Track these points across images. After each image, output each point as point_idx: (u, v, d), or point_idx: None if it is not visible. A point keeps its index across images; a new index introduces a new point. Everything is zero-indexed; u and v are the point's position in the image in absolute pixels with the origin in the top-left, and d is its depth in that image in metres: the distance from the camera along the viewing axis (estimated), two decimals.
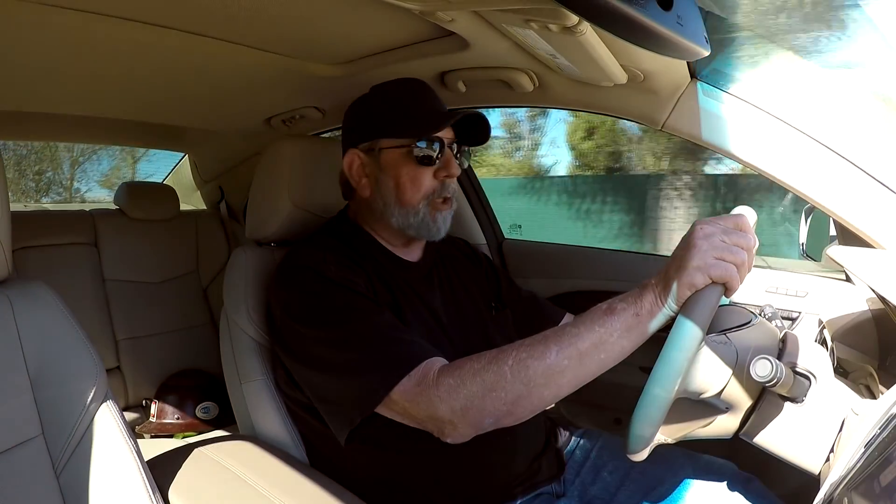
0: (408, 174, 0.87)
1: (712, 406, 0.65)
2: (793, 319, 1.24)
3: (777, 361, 0.58)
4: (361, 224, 0.95)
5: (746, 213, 0.63)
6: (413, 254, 0.96)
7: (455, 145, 0.90)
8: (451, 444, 0.71)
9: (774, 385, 0.59)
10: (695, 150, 6.88)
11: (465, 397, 0.67)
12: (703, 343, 0.62)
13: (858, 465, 0.50)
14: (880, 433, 0.52)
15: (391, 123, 0.88)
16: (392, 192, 0.88)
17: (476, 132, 0.91)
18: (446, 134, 0.88)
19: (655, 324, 0.62)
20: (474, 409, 0.67)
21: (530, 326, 1.03)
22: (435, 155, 0.87)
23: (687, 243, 0.61)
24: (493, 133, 1.13)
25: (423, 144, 0.86)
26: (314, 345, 0.78)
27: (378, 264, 0.90)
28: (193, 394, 1.59)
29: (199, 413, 1.56)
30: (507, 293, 1.06)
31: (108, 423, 0.70)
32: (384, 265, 0.90)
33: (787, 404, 0.63)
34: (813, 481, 0.62)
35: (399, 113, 0.89)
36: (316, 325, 0.79)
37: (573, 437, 1.03)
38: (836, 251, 0.84)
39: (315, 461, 0.92)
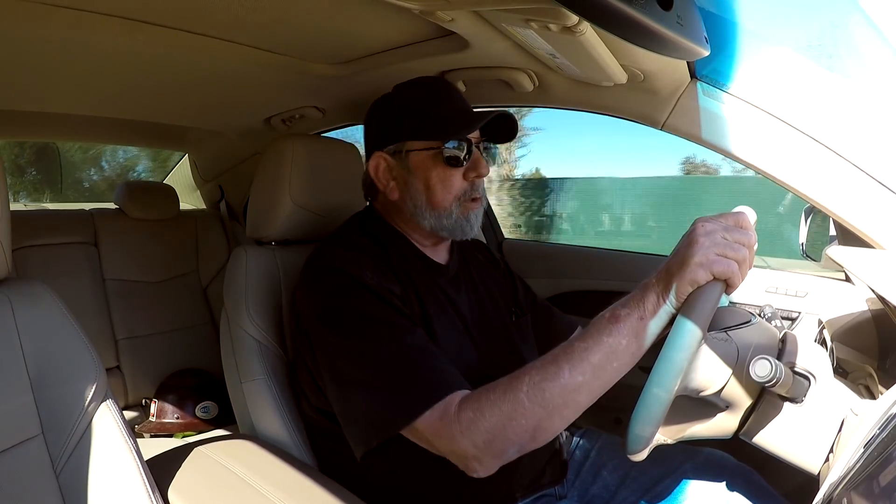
0: (438, 176, 0.86)
1: (712, 404, 0.65)
2: (792, 319, 1.24)
3: (776, 361, 0.58)
4: (392, 222, 0.93)
5: (746, 212, 0.63)
6: (441, 255, 0.95)
7: (481, 144, 0.89)
8: None
9: (774, 385, 0.59)
10: None
11: (486, 430, 0.65)
12: (704, 341, 0.62)
13: (858, 465, 0.50)
14: (880, 433, 0.52)
15: (418, 125, 0.87)
16: (422, 194, 0.87)
17: (500, 130, 0.90)
18: (473, 133, 0.87)
19: (659, 322, 0.62)
20: (497, 440, 0.65)
21: (543, 335, 1.02)
22: (463, 155, 0.86)
23: (688, 240, 0.60)
24: None
25: (452, 145, 0.85)
26: (340, 355, 0.76)
27: (411, 266, 0.88)
28: (193, 393, 1.58)
29: (198, 412, 1.56)
30: (524, 299, 1.05)
31: (107, 422, 0.70)
32: (417, 267, 0.89)
33: (787, 404, 0.63)
34: (812, 481, 0.62)
35: (426, 114, 0.87)
36: (345, 334, 0.76)
37: (573, 437, 1.03)
38: (836, 251, 0.84)
39: (325, 464, 0.92)
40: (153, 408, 1.57)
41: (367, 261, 0.81)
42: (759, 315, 0.74)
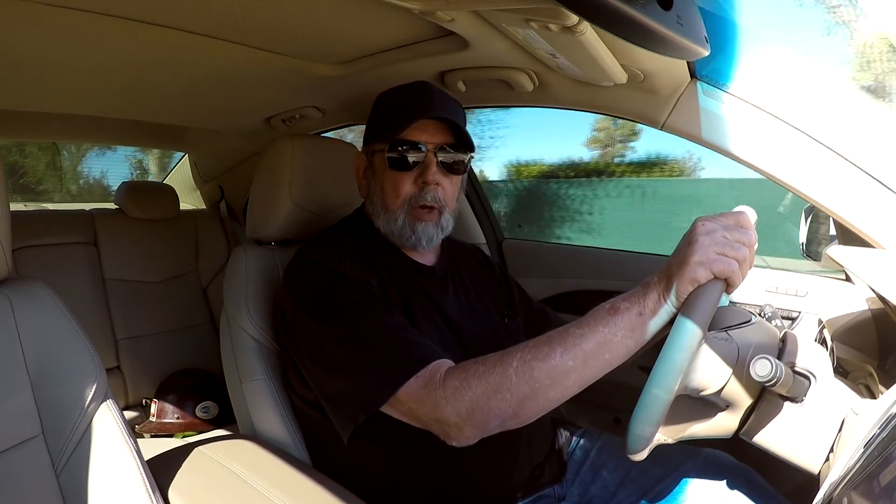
0: (389, 178, 0.88)
1: (712, 404, 0.65)
2: (793, 319, 1.24)
3: (777, 361, 0.58)
4: (376, 224, 0.94)
5: (747, 212, 0.64)
6: (427, 257, 0.96)
7: (450, 151, 0.87)
8: (456, 448, 0.71)
9: (774, 385, 0.59)
10: None
11: (471, 399, 0.66)
12: (704, 340, 0.62)
13: (858, 464, 0.50)
14: (880, 433, 0.52)
15: (378, 127, 0.90)
16: (379, 195, 0.90)
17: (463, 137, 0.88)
18: (432, 138, 0.86)
19: (659, 321, 0.62)
20: (479, 410, 0.66)
21: None
22: (413, 160, 0.86)
23: (689, 239, 0.61)
24: None
25: (403, 147, 0.85)
26: (323, 340, 0.78)
27: (392, 266, 0.89)
28: (193, 393, 1.58)
29: (198, 412, 1.56)
30: (518, 303, 1.05)
31: (107, 422, 0.71)
32: (398, 268, 0.90)
33: (787, 404, 0.63)
34: (812, 481, 0.62)
35: (386, 117, 0.89)
36: (326, 320, 0.78)
37: (573, 437, 1.04)
38: (836, 251, 0.84)
39: (318, 461, 0.92)
40: (153, 408, 1.57)
41: (346, 256, 0.83)
42: (759, 315, 0.74)
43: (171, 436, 1.53)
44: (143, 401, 1.65)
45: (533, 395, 0.65)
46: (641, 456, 0.60)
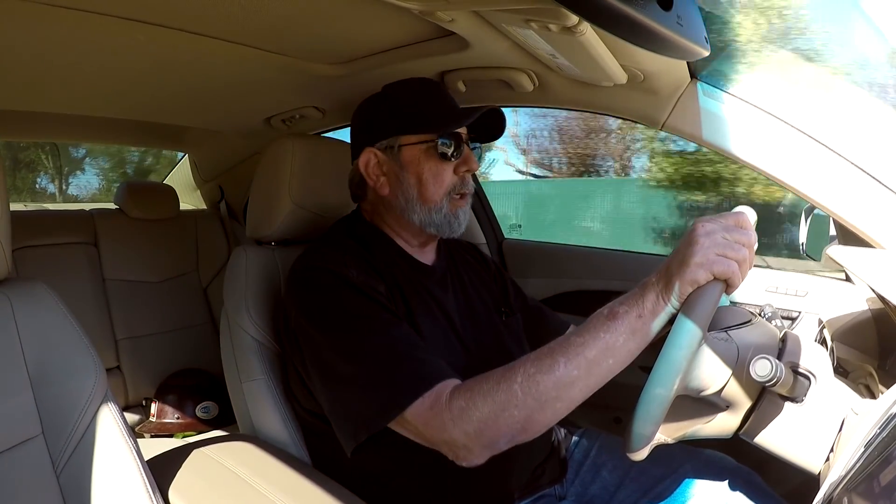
0: (430, 170, 0.87)
1: (712, 404, 0.65)
2: (793, 319, 1.24)
3: (777, 361, 0.58)
4: (379, 224, 0.94)
5: (747, 212, 0.64)
6: (428, 256, 0.96)
7: (468, 141, 0.90)
8: None
9: (774, 385, 0.59)
10: None
11: (478, 419, 0.65)
12: (704, 341, 0.62)
13: (858, 464, 0.50)
14: (880, 433, 0.52)
15: (411, 120, 0.88)
16: (414, 188, 0.88)
17: (486, 129, 0.92)
18: (462, 130, 0.89)
19: (659, 322, 0.62)
20: (488, 430, 0.65)
21: (535, 336, 1.02)
22: (453, 151, 0.87)
23: (688, 240, 0.60)
24: None
25: (444, 140, 0.86)
26: (328, 352, 0.77)
27: (396, 267, 0.89)
28: (193, 393, 1.58)
29: (198, 413, 1.56)
30: (514, 299, 1.05)
31: (107, 422, 0.70)
32: (402, 268, 0.89)
33: (787, 404, 0.63)
34: (813, 480, 0.62)
35: (419, 109, 0.89)
36: (332, 331, 0.77)
37: (573, 437, 1.04)
38: (836, 251, 0.84)
39: (318, 461, 0.92)
40: (153, 408, 1.57)
41: (352, 260, 0.82)
42: (759, 315, 0.74)
43: (171, 436, 1.53)
44: (143, 401, 1.64)
45: (540, 408, 0.64)
46: (641, 455, 0.60)
